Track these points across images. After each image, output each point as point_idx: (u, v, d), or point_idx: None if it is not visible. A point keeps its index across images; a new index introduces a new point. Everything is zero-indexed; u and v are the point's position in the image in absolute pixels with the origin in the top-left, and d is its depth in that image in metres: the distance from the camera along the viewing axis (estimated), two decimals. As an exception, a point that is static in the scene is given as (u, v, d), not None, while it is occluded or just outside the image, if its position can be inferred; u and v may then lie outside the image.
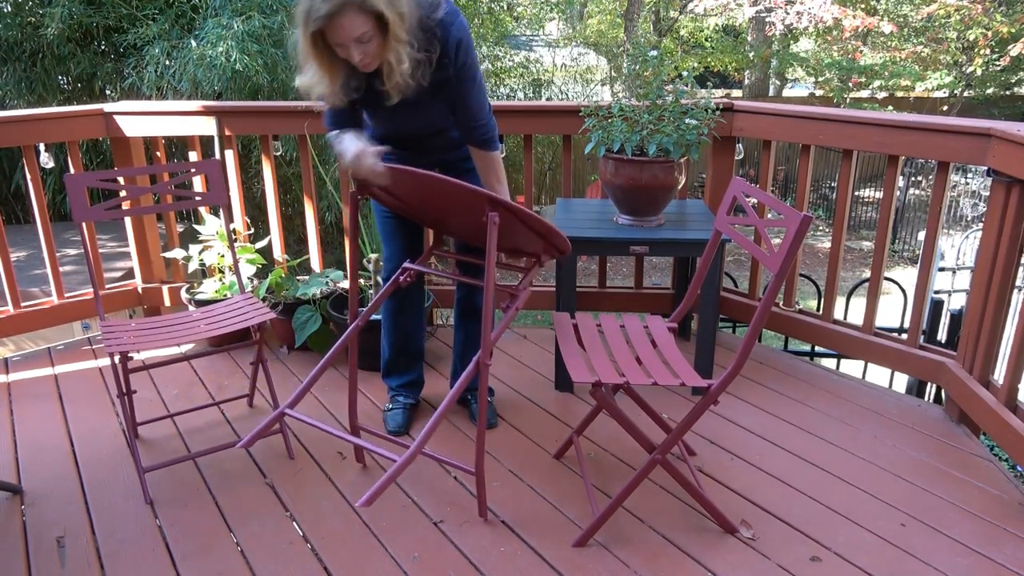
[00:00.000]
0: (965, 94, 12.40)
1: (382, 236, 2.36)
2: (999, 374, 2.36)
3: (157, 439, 2.41)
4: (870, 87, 11.82)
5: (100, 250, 3.35)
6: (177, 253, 3.23)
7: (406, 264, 2.11)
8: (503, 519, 2.02)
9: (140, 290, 3.33)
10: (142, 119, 3.07)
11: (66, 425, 2.51)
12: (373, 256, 2.83)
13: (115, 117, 3.06)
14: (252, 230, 3.31)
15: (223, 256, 3.13)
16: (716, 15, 13.09)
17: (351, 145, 1.92)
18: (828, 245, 9.18)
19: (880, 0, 11.56)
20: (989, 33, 10.36)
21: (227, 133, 3.09)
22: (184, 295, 3.13)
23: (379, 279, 2.87)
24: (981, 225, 2.88)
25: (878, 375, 3.21)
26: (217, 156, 3.10)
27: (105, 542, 1.93)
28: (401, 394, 2.52)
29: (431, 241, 2.27)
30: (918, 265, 2.67)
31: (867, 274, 2.83)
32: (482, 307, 2.44)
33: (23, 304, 3.01)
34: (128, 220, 3.26)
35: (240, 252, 3.05)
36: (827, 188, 12.18)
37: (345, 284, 3.11)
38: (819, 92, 13.74)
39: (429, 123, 2.13)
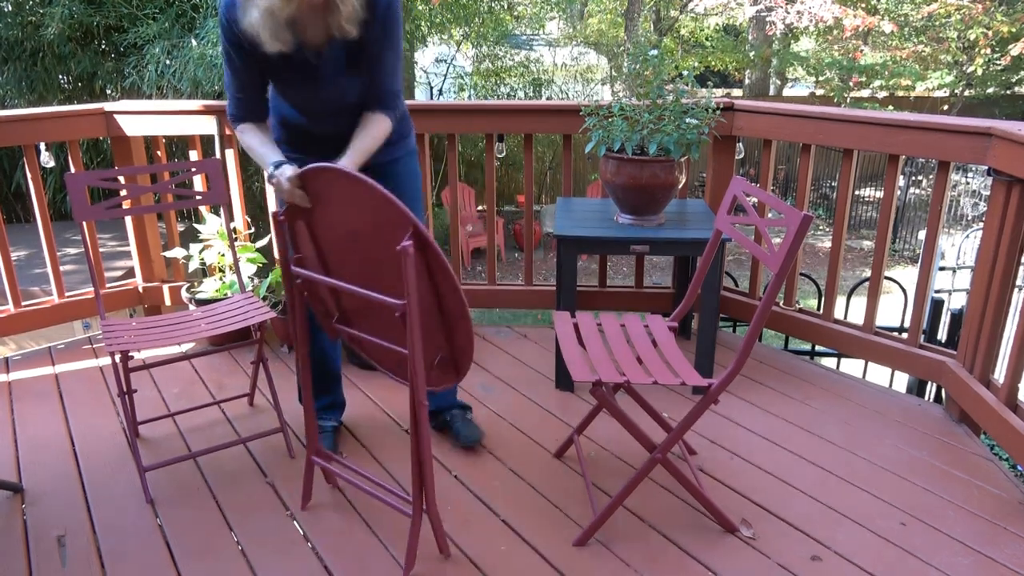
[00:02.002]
0: (966, 93, 12.40)
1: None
2: (999, 373, 2.36)
3: (158, 438, 2.41)
4: (870, 86, 11.81)
5: (100, 249, 3.35)
6: (177, 252, 3.23)
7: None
8: (503, 518, 2.02)
9: (141, 289, 3.33)
10: (143, 118, 3.07)
11: (67, 424, 2.51)
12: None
13: (115, 116, 3.06)
14: (252, 229, 3.31)
15: (223, 255, 3.13)
16: (716, 14, 13.09)
17: (277, 164, 1.82)
18: (828, 244, 9.16)
19: (880, -1, 11.57)
20: (990, 32, 10.36)
21: (227, 132, 3.09)
22: (185, 294, 3.13)
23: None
24: (981, 224, 2.88)
25: (878, 374, 3.21)
26: (218, 155, 3.10)
27: (106, 541, 1.93)
28: (322, 417, 2.37)
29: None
30: (918, 264, 2.67)
31: (867, 273, 2.83)
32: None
33: (24, 303, 3.01)
34: (128, 219, 3.26)
35: (240, 251, 3.05)
36: (827, 187, 12.17)
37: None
38: (819, 91, 13.73)
39: (341, 94, 2.00)
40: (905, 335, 2.73)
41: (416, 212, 2.30)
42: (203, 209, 3.09)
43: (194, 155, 3.16)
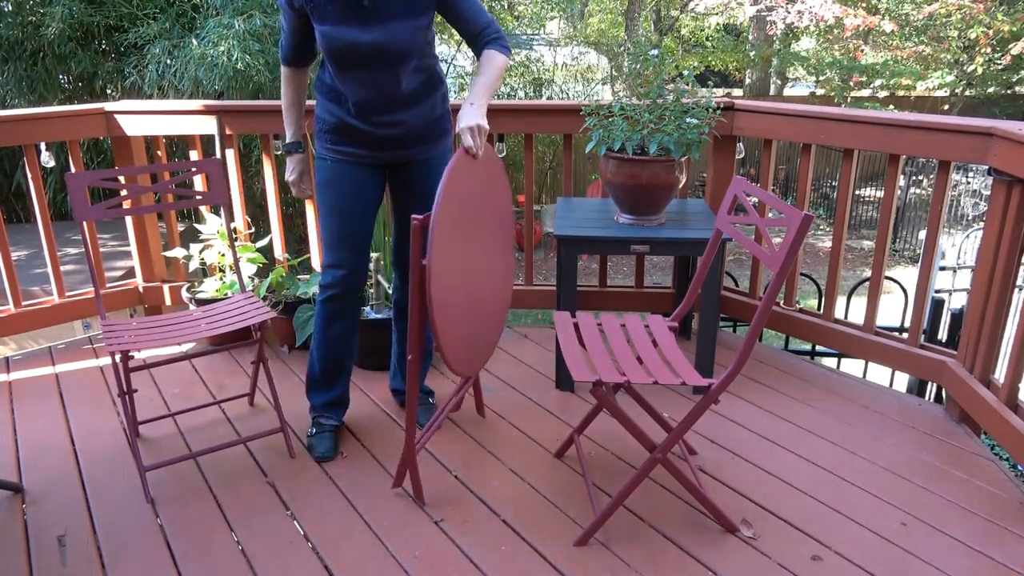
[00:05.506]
0: (966, 93, 12.39)
1: (328, 239, 2.22)
2: (1000, 373, 2.36)
3: (158, 438, 2.42)
4: (871, 86, 11.81)
5: (101, 249, 3.36)
6: (178, 252, 3.24)
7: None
8: (504, 518, 2.02)
9: (141, 289, 3.33)
10: (143, 118, 3.07)
11: (67, 424, 2.51)
12: (374, 255, 2.82)
13: (116, 116, 3.06)
14: (253, 229, 3.31)
15: (224, 255, 3.13)
16: (717, 14, 13.07)
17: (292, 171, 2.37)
18: (829, 244, 9.15)
19: (881, -1, 11.56)
20: (990, 32, 10.35)
21: (228, 132, 3.09)
22: (185, 294, 3.13)
23: (379, 278, 2.87)
24: (982, 224, 2.88)
25: (879, 374, 3.21)
26: (218, 155, 3.10)
27: (106, 541, 1.93)
28: (323, 415, 2.36)
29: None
30: (919, 264, 2.67)
31: (868, 273, 2.83)
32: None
33: (24, 303, 3.01)
34: (129, 219, 3.26)
35: (241, 251, 3.05)
36: (828, 187, 12.17)
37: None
38: (820, 91, 13.74)
39: (389, 37, 1.98)
40: (905, 335, 2.72)
41: None
42: (203, 209, 3.10)
43: (194, 155, 3.16)
